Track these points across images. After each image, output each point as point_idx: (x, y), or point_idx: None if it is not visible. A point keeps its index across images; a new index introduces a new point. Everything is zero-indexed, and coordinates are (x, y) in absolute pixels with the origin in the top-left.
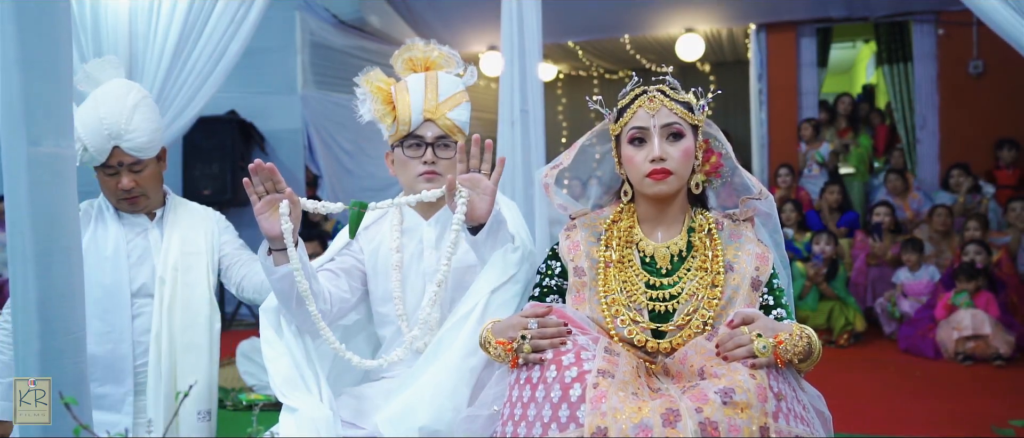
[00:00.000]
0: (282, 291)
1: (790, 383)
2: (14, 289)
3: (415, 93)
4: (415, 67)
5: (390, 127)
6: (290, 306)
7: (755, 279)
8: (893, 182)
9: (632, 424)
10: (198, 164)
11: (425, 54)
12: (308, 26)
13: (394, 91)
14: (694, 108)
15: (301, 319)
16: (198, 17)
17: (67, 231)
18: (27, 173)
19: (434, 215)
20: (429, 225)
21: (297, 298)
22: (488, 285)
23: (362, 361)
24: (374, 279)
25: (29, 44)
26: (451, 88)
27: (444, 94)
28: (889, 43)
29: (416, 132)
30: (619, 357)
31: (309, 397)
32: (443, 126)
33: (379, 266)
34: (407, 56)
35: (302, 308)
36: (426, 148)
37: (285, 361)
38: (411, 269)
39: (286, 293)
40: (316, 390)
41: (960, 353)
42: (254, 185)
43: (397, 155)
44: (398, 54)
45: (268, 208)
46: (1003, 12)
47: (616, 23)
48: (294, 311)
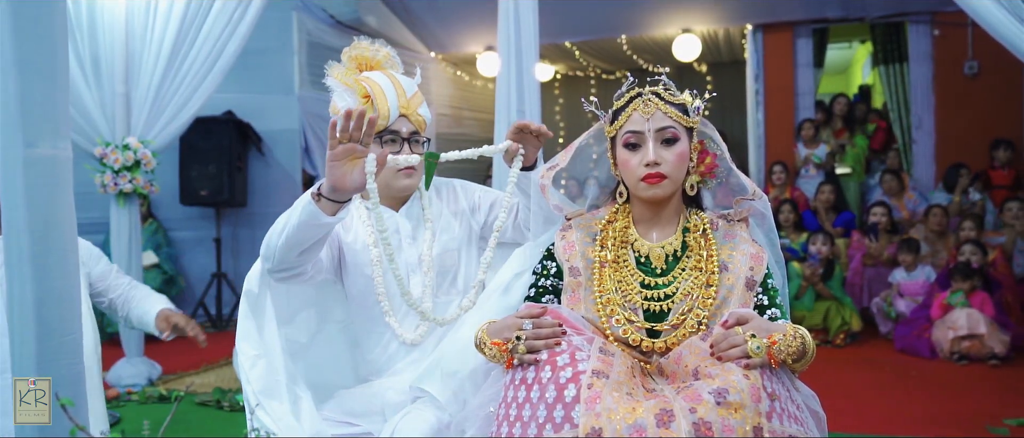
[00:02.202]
0: (307, 238)
1: (784, 383)
2: (10, 291)
3: (387, 89)
4: (361, 65)
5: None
6: (296, 252)
7: (749, 279)
8: (889, 182)
9: (626, 424)
10: (195, 165)
11: (373, 53)
12: (305, 27)
13: (367, 86)
14: (689, 110)
15: (296, 263)
16: (195, 18)
17: (63, 233)
18: (23, 175)
19: (404, 207)
20: (402, 217)
21: (309, 249)
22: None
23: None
24: (352, 273)
25: (25, 45)
26: (412, 87)
27: (409, 92)
28: (885, 44)
29: (392, 127)
30: (614, 357)
31: (282, 408)
32: (415, 122)
33: (358, 261)
34: (355, 54)
35: (304, 256)
36: (403, 143)
37: (261, 365)
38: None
39: (309, 240)
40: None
41: (955, 353)
42: (338, 129)
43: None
44: (347, 51)
45: (345, 156)
46: (996, 13)
47: (613, 23)
48: (294, 258)
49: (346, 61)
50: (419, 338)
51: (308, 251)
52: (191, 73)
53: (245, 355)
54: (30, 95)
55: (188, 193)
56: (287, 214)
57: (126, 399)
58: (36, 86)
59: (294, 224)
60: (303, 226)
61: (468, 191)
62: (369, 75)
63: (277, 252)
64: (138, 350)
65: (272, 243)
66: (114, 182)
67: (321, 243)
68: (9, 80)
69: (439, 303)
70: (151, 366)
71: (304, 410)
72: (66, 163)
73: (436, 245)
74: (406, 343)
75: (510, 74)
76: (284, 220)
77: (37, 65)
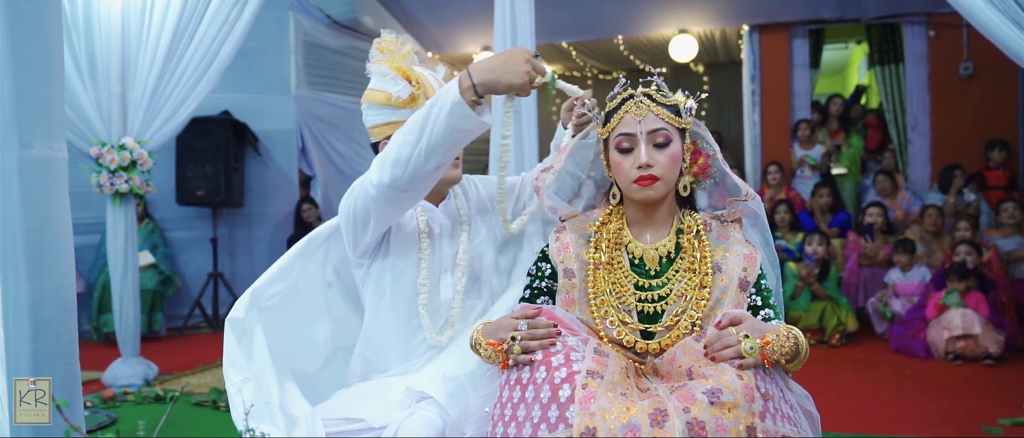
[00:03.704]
0: (454, 142)
1: (777, 383)
2: (5, 291)
3: (432, 79)
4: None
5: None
6: (435, 161)
7: (743, 280)
8: (882, 183)
9: (620, 424)
10: (191, 165)
11: (398, 47)
12: (302, 26)
13: (416, 76)
14: (681, 111)
15: (431, 176)
16: (191, 18)
17: (59, 233)
18: (18, 176)
19: (442, 203)
20: (441, 213)
21: (446, 161)
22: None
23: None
24: (393, 256)
25: (20, 47)
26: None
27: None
28: (881, 45)
29: None
30: (608, 358)
31: (276, 429)
32: None
33: (405, 245)
34: (382, 46)
35: (440, 170)
36: None
37: (249, 388)
38: (432, 258)
39: (455, 145)
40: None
41: (950, 353)
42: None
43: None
44: (377, 42)
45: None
46: (990, 15)
47: (609, 24)
48: (431, 169)
49: (377, 52)
50: (445, 341)
51: (444, 164)
52: (187, 73)
53: (231, 381)
54: (25, 96)
55: (184, 193)
56: (416, 123)
57: (122, 399)
58: (31, 87)
59: (441, 128)
60: (452, 130)
61: (488, 186)
62: (410, 63)
63: (412, 161)
64: (134, 350)
65: (402, 155)
66: (110, 182)
67: (456, 150)
68: (4, 81)
69: (465, 307)
70: (147, 366)
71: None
72: (61, 164)
73: (470, 248)
74: (431, 344)
75: None
76: (416, 129)
77: (32, 66)
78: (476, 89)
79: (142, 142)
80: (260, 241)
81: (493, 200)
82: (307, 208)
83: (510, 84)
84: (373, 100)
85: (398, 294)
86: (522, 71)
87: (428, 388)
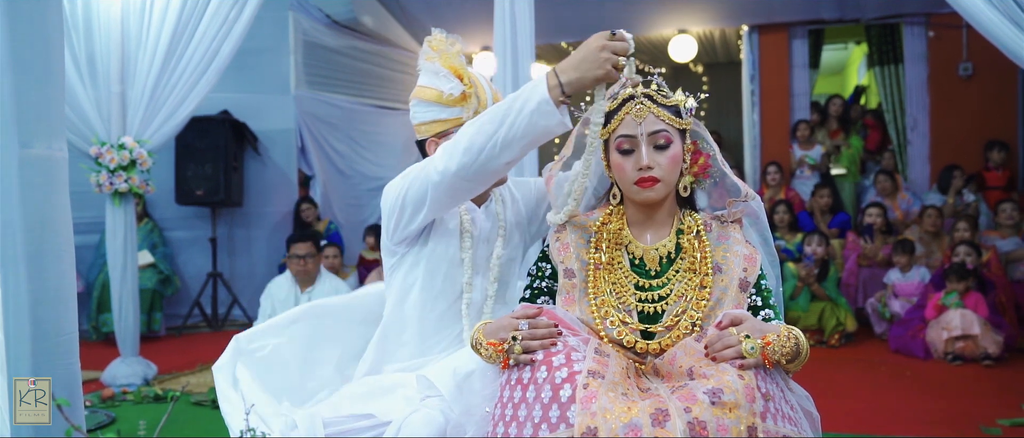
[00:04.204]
0: (537, 138)
1: (778, 383)
2: (6, 291)
3: (482, 79)
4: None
5: (471, 106)
6: (509, 155)
7: (743, 280)
8: (882, 183)
9: (621, 424)
10: (191, 164)
11: (448, 46)
12: (301, 26)
13: (469, 76)
14: (682, 112)
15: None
16: (190, 17)
17: (59, 233)
18: (19, 175)
19: (484, 206)
20: (482, 214)
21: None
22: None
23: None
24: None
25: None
26: (509, 81)
27: (494, 85)
28: (880, 45)
29: None
30: (609, 358)
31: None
32: None
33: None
34: (433, 44)
35: (510, 165)
36: None
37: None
38: (472, 258)
39: (534, 141)
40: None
41: (949, 353)
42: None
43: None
44: (428, 40)
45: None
46: (989, 15)
47: (609, 24)
48: (502, 164)
49: (428, 49)
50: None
51: (513, 161)
52: (187, 72)
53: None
54: (25, 96)
55: (184, 193)
56: (496, 115)
57: (121, 399)
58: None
59: (524, 123)
60: (534, 126)
61: (525, 193)
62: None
63: (485, 151)
64: (133, 350)
65: (476, 143)
66: (110, 182)
67: (531, 147)
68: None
69: (494, 312)
70: (146, 366)
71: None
72: (61, 163)
73: (503, 253)
74: (453, 341)
75: (506, 74)
76: (495, 120)
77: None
78: (563, 89)
79: (141, 142)
80: (259, 241)
81: (528, 207)
82: (306, 208)
83: (595, 77)
84: (423, 97)
85: (428, 287)
86: (601, 60)
87: (437, 380)
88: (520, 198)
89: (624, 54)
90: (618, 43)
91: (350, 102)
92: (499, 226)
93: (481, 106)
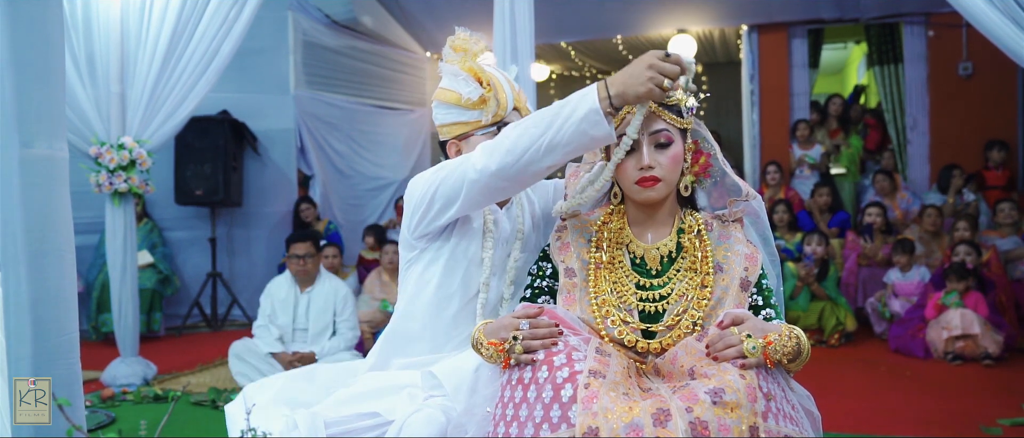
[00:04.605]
0: (582, 146)
1: (780, 383)
2: (6, 290)
3: (503, 81)
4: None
5: (490, 110)
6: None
7: (744, 279)
8: (881, 183)
9: (623, 424)
10: (190, 164)
11: (472, 45)
12: (301, 26)
13: (488, 77)
14: (683, 111)
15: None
16: (190, 17)
17: (60, 232)
18: (20, 175)
19: (505, 208)
20: (505, 216)
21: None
22: None
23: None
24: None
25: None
26: (514, 82)
27: (516, 86)
28: (880, 45)
29: (507, 119)
30: (610, 358)
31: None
32: (524, 116)
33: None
34: (456, 44)
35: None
36: None
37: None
38: (492, 259)
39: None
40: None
41: (949, 353)
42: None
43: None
44: (451, 40)
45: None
46: (990, 14)
47: (609, 23)
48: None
49: (450, 49)
50: None
51: (554, 167)
52: (186, 72)
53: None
54: (26, 96)
55: (183, 193)
56: (542, 119)
57: (121, 399)
58: (32, 87)
59: (570, 130)
60: (581, 134)
61: (542, 197)
62: (482, 65)
63: (528, 153)
64: (133, 350)
65: (519, 145)
66: (109, 182)
67: (574, 155)
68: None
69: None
70: (146, 366)
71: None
72: (62, 163)
73: (520, 257)
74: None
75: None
76: (541, 124)
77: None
78: (612, 100)
79: (141, 141)
80: (259, 241)
81: (544, 211)
82: (305, 208)
83: (637, 94)
84: (443, 99)
85: (445, 284)
86: (643, 78)
87: (443, 377)
88: (537, 201)
89: (673, 76)
90: (667, 65)
91: (350, 102)
92: (518, 230)
93: (500, 109)
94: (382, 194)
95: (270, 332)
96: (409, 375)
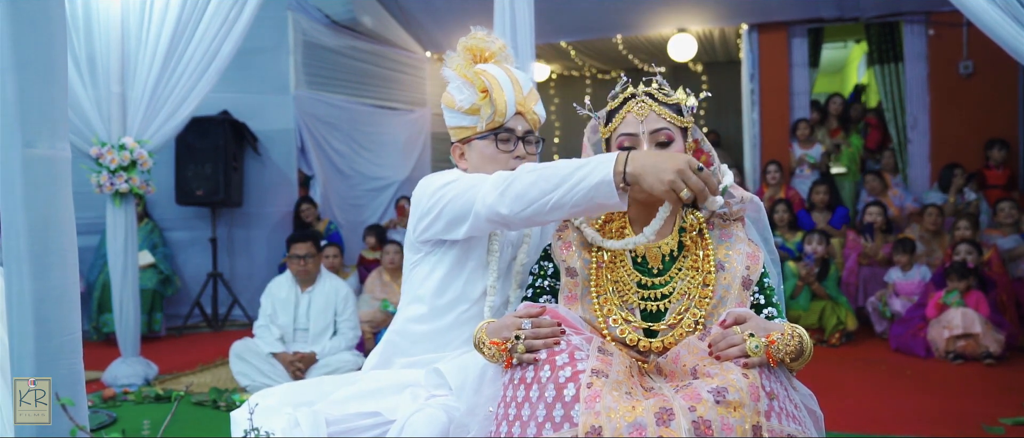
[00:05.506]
0: (589, 210)
1: (782, 382)
2: (9, 290)
3: (505, 84)
4: (476, 57)
5: (485, 117)
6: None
7: (746, 278)
8: (871, 183)
9: (626, 423)
10: (191, 164)
11: (487, 44)
12: (301, 26)
13: (486, 80)
14: (683, 110)
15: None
16: (190, 17)
17: (63, 232)
18: (22, 175)
19: None
20: None
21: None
22: None
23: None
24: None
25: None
26: (527, 83)
27: (525, 88)
28: (880, 44)
29: (508, 125)
30: (612, 357)
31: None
32: (531, 120)
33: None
34: (470, 44)
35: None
36: (517, 142)
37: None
38: (498, 262)
39: (586, 211)
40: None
41: (951, 352)
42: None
43: (482, 147)
44: (463, 41)
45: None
46: (991, 13)
47: (608, 23)
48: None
49: (461, 51)
50: None
51: (559, 221)
52: (187, 73)
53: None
54: (29, 96)
55: (184, 193)
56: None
57: (122, 399)
58: (34, 87)
59: (582, 193)
60: (590, 199)
61: None
62: (486, 67)
63: (535, 205)
64: (134, 350)
65: (529, 195)
66: (110, 182)
67: (582, 215)
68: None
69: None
70: (147, 366)
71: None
72: (64, 163)
73: (526, 261)
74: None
75: None
76: (554, 179)
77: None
78: (626, 177)
79: (142, 142)
80: (259, 241)
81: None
82: (306, 208)
83: (651, 186)
84: (445, 103)
85: (449, 287)
86: (666, 178)
87: (449, 374)
88: None
89: (695, 191)
90: (693, 178)
91: (349, 102)
92: (525, 233)
93: (497, 116)
94: (382, 194)
95: (271, 332)
96: (412, 374)
